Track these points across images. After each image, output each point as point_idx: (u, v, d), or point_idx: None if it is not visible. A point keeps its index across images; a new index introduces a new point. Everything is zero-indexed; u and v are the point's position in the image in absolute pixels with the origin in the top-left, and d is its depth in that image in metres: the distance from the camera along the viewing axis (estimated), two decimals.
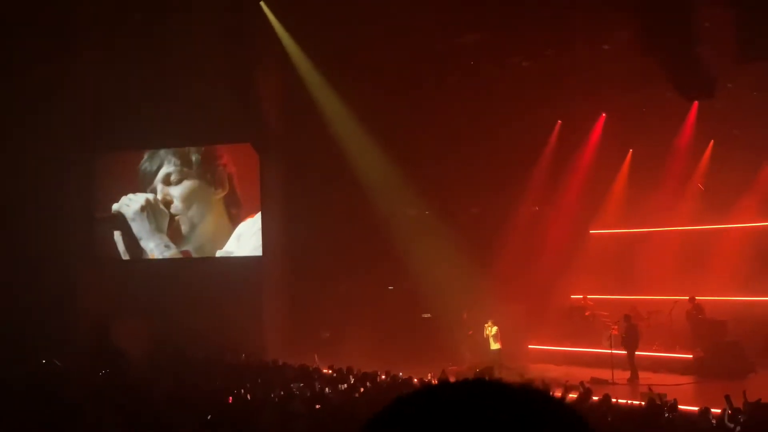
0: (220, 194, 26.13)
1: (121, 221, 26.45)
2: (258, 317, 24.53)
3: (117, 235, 26.55)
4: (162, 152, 26.51)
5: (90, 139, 26.00)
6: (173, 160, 26.35)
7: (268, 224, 25.62)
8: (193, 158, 26.30)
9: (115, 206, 26.50)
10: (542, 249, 24.72)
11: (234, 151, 26.11)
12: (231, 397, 15.64)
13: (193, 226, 26.13)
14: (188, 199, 26.13)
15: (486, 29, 21.68)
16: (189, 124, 25.12)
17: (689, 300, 22.03)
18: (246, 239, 25.86)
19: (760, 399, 13.82)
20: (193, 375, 18.94)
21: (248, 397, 16.03)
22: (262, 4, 23.77)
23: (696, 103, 22.99)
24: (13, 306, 23.02)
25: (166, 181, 26.25)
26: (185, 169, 26.26)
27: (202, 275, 25.13)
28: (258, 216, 25.80)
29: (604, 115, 25.00)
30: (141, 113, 24.91)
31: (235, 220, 26.10)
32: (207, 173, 26.24)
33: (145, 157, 26.55)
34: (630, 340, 20.47)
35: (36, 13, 22.44)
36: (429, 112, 24.03)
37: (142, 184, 26.45)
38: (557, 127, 25.64)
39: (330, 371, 18.93)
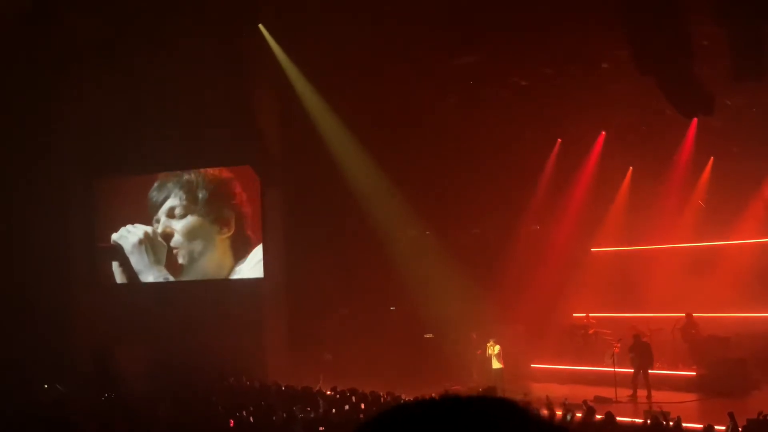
0: (226, 234, 25.79)
1: (119, 253, 26.36)
2: (259, 339, 24.45)
3: (115, 266, 26.48)
4: (170, 184, 26.33)
5: (91, 164, 26.01)
6: (180, 194, 26.20)
7: (270, 246, 25.57)
8: (200, 195, 26.11)
9: (114, 236, 26.38)
10: (544, 267, 24.65)
11: (247, 186, 25.86)
12: (232, 421, 15.58)
13: (192, 260, 25.94)
14: (190, 234, 25.92)
15: (485, 49, 21.73)
16: (189, 147, 25.11)
17: (686, 316, 22.02)
18: (246, 271, 25.71)
19: (766, 414, 13.79)
20: (194, 398, 18.90)
21: (251, 420, 15.98)
22: (261, 27, 23.86)
23: (695, 120, 23.02)
24: (15, 330, 22.99)
25: (170, 214, 26.13)
26: (191, 205, 26.09)
27: (204, 298, 25.07)
28: (259, 247, 25.67)
29: (603, 133, 25.03)
30: (141, 137, 24.91)
31: (239, 258, 25.88)
32: (212, 212, 25.97)
33: (155, 185, 26.41)
34: (641, 359, 20.33)
35: (40, 40, 22.55)
36: (429, 133, 24.06)
37: (147, 212, 26.35)
38: (557, 146, 25.67)
39: (332, 393, 18.87)
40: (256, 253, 25.56)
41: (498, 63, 22.12)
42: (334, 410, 16.58)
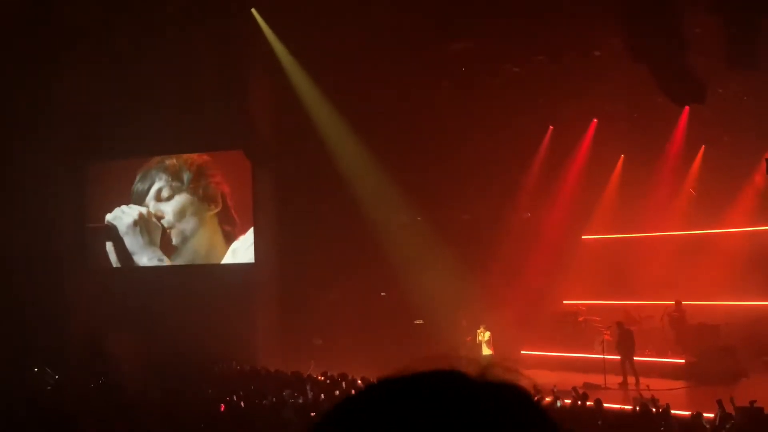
0: (213, 210, 25.99)
1: (113, 233, 26.37)
2: (250, 324, 24.47)
3: (109, 246, 26.46)
4: (153, 171, 26.41)
5: (82, 148, 25.95)
6: (164, 177, 26.26)
7: (261, 231, 25.58)
8: (185, 176, 26.20)
9: (108, 217, 26.40)
10: (534, 255, 24.69)
11: (227, 167, 25.96)
12: (223, 405, 15.60)
13: (185, 239, 26.03)
14: (180, 213, 26.04)
15: (477, 36, 21.69)
16: (181, 131, 25.07)
17: (675, 303, 22.08)
18: (241, 253, 25.76)
19: (755, 401, 13.85)
20: (185, 383, 18.90)
21: (241, 404, 16.00)
22: (253, 11, 23.76)
23: (687, 108, 23.01)
24: (5, 314, 22.95)
25: (158, 198, 26.16)
26: (177, 185, 26.16)
27: (194, 282, 25.08)
28: (250, 231, 25.69)
29: (595, 120, 25.01)
30: (133, 121, 24.86)
31: (229, 238, 25.97)
32: (199, 189, 26.12)
33: (138, 177, 26.46)
34: (625, 346, 20.47)
35: (27, 22, 22.42)
36: (420, 119, 24.03)
37: (135, 202, 26.35)
38: (549, 133, 25.65)
39: (323, 378, 18.90)
40: (248, 237, 25.59)
41: (490, 49, 22.08)
42: (323, 395, 16.60)
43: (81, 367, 21.99)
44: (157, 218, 26.10)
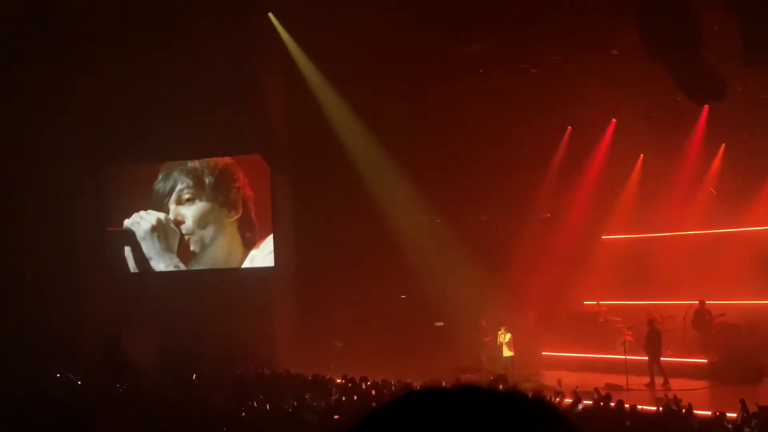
0: (234, 217, 25.90)
1: (131, 238, 26.38)
2: (270, 327, 24.49)
3: (127, 251, 26.46)
4: (176, 173, 26.33)
5: (101, 152, 26.01)
6: (186, 180, 26.22)
7: (280, 235, 25.58)
8: (207, 180, 26.12)
9: (126, 222, 26.39)
10: (554, 255, 24.64)
11: (248, 171, 25.90)
12: (244, 412, 15.59)
13: (204, 247, 25.99)
14: (200, 220, 25.98)
15: (494, 36, 21.66)
16: (200, 135, 25.09)
17: (699, 303, 21.94)
18: (259, 261, 25.71)
19: None
20: (205, 386, 18.94)
21: (266, 407, 16.01)
22: (270, 15, 23.83)
23: (706, 106, 22.91)
24: (25, 317, 23.06)
25: (179, 201, 26.15)
26: (198, 191, 26.11)
27: (214, 286, 25.10)
28: (271, 237, 25.66)
29: (614, 120, 24.93)
30: (152, 126, 24.90)
31: (249, 244, 25.86)
32: (220, 196, 26.02)
33: (160, 177, 26.44)
34: (652, 345, 20.36)
35: (49, 26, 22.56)
36: (438, 120, 24.03)
37: (155, 203, 26.37)
38: (567, 133, 25.59)
39: (343, 381, 18.89)
40: (267, 245, 25.55)
41: (508, 50, 22.04)
42: (344, 398, 16.60)
43: (100, 368, 22.05)
44: (176, 223, 26.07)
